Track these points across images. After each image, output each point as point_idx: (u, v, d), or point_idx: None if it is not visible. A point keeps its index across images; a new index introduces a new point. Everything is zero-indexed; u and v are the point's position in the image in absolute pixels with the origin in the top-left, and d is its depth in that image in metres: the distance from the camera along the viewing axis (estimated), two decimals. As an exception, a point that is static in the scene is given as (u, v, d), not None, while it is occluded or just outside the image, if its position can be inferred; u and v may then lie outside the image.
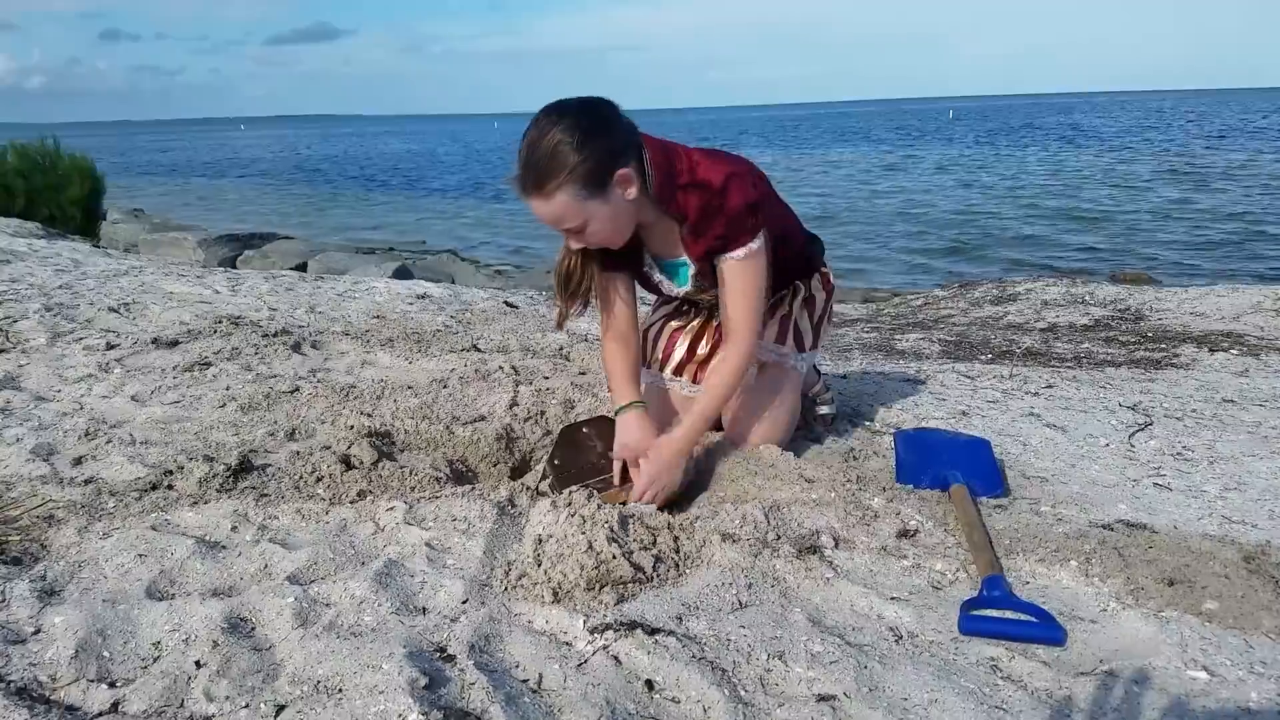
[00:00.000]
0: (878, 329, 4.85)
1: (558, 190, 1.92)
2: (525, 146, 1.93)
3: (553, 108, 1.97)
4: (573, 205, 1.95)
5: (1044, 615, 1.56)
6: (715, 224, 2.10)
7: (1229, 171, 22.23)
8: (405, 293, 5.18)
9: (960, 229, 15.49)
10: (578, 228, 2.01)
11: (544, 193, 1.92)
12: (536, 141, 1.91)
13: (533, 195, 1.94)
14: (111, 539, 1.79)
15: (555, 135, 1.90)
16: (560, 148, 1.90)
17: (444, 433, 2.46)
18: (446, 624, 1.50)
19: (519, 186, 1.95)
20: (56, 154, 11.90)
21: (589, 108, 1.98)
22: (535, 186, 1.92)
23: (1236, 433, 2.69)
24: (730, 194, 2.09)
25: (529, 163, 1.92)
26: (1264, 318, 4.65)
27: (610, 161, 1.96)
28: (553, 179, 1.91)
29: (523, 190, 1.95)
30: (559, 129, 1.91)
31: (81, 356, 3.28)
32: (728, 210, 2.09)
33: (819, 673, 1.40)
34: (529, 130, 1.94)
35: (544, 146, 1.90)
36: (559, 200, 1.93)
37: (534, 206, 1.96)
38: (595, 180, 1.95)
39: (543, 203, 1.94)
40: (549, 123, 1.93)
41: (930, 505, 2.03)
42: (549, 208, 1.95)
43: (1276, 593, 1.66)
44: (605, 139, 1.96)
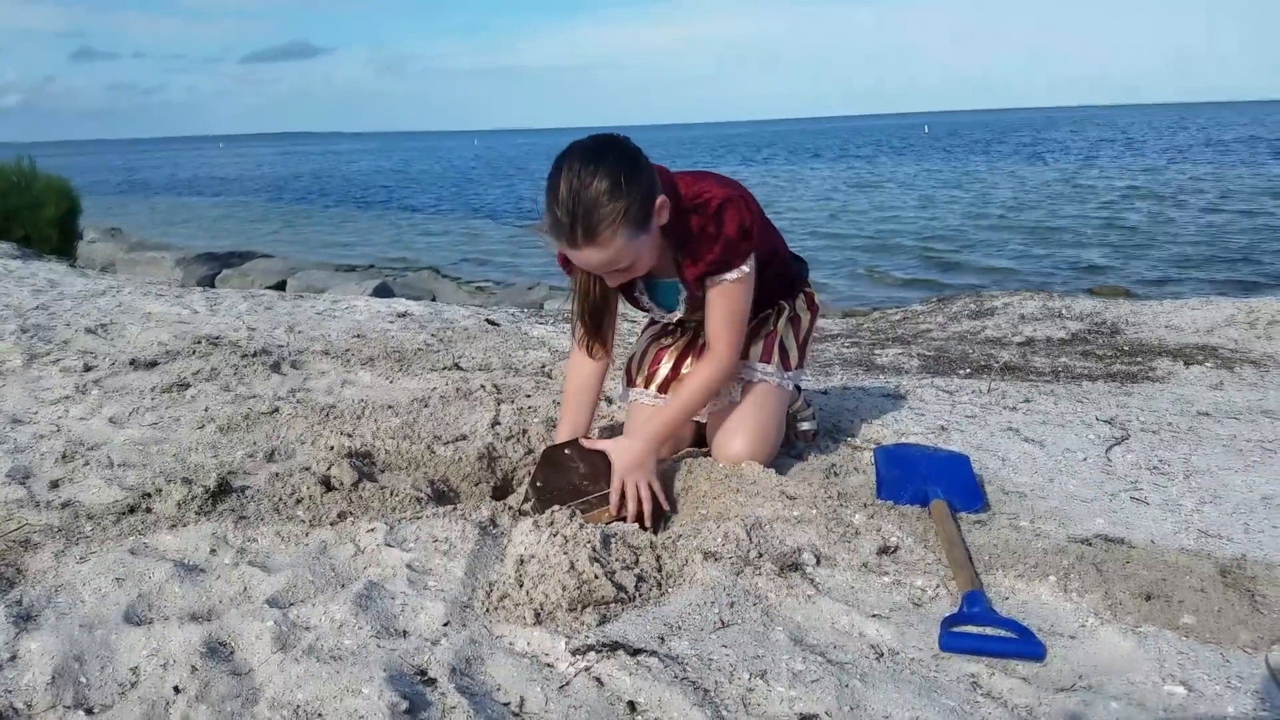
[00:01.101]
0: (858, 344, 4.87)
1: (613, 237, 1.92)
2: (567, 198, 1.90)
3: (582, 154, 1.95)
4: (626, 247, 1.96)
5: (1023, 631, 1.57)
6: (712, 248, 2.12)
7: (1195, 185, 22.55)
8: (386, 311, 5.17)
9: (931, 242, 15.63)
10: (627, 267, 2.02)
11: (598, 242, 1.92)
12: (580, 192, 1.89)
13: (585, 246, 1.93)
14: (89, 563, 1.77)
15: (598, 183, 1.89)
16: (607, 195, 1.89)
17: (425, 452, 2.45)
18: (427, 646, 1.49)
19: (565, 238, 1.94)
20: (32, 173, 11.81)
21: (617, 147, 1.99)
22: (588, 238, 1.91)
23: (1212, 446, 2.72)
24: (726, 219, 2.11)
25: (577, 214, 1.89)
26: (1238, 331, 4.70)
27: (651, 196, 1.98)
28: (607, 227, 1.90)
29: (571, 242, 1.94)
30: (600, 175, 1.90)
31: (58, 378, 3.25)
32: (724, 235, 2.11)
33: (800, 692, 1.40)
34: (562, 180, 1.91)
35: (590, 196, 1.89)
36: (614, 246, 1.94)
37: (585, 255, 1.96)
38: (643, 218, 1.96)
39: (597, 251, 1.94)
40: (585, 170, 1.91)
41: (911, 521, 2.04)
42: (603, 254, 1.95)
43: (1252, 606, 1.68)
44: (641, 175, 1.97)
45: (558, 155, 1.99)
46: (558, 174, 1.94)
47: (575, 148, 1.98)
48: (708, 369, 2.23)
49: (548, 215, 1.95)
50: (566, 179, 1.91)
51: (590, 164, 1.92)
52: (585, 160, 1.93)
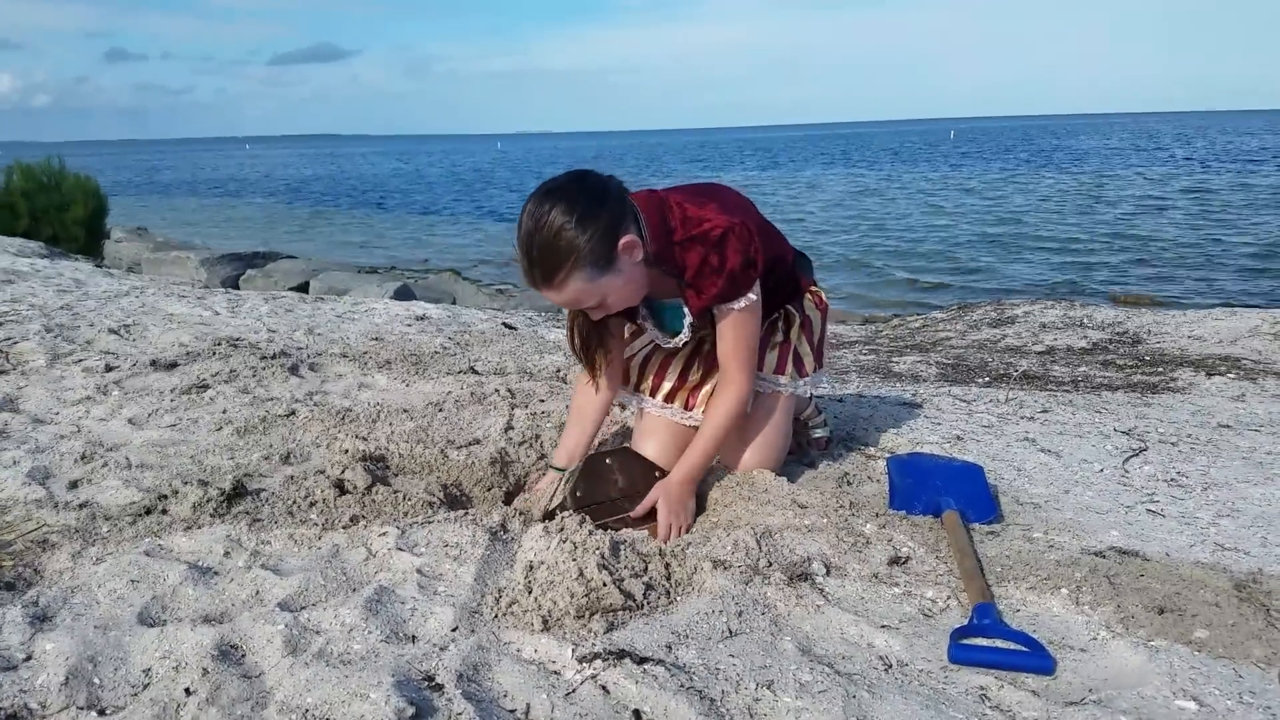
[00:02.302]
0: (875, 351, 4.85)
1: (568, 278, 1.92)
2: (524, 238, 1.91)
3: (542, 193, 1.95)
4: (586, 288, 1.95)
5: (1034, 644, 1.56)
6: (715, 281, 2.10)
7: (1225, 192, 22.32)
8: (404, 314, 5.20)
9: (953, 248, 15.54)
10: (596, 305, 2.02)
11: (554, 284, 1.92)
12: (534, 232, 1.89)
13: (544, 287, 1.93)
14: (105, 564, 1.79)
15: (553, 222, 1.88)
16: (561, 234, 1.88)
17: (439, 456, 2.46)
18: (435, 652, 1.50)
19: (527, 279, 1.95)
20: (61, 173, 11.96)
21: (578, 182, 1.97)
22: (545, 280, 1.92)
23: (1231, 458, 2.69)
24: (729, 251, 2.08)
25: (533, 256, 1.90)
26: (1262, 342, 4.66)
27: (612, 234, 1.95)
28: (561, 269, 1.90)
29: (532, 283, 1.95)
30: (555, 213, 1.89)
31: (80, 378, 3.29)
32: (728, 268, 2.09)
33: (807, 702, 1.40)
34: (523, 220, 1.92)
35: (544, 236, 1.89)
36: (572, 287, 1.93)
37: (549, 296, 1.96)
38: (603, 257, 1.94)
39: (556, 293, 1.94)
40: (541, 211, 1.90)
41: (922, 531, 2.03)
42: (563, 295, 1.95)
43: (1267, 621, 1.66)
44: (602, 212, 1.94)
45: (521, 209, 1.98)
46: (521, 219, 1.94)
47: (540, 187, 1.97)
48: (727, 398, 2.21)
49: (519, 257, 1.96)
50: (525, 220, 1.92)
51: (546, 204, 1.91)
52: (542, 200, 1.92)
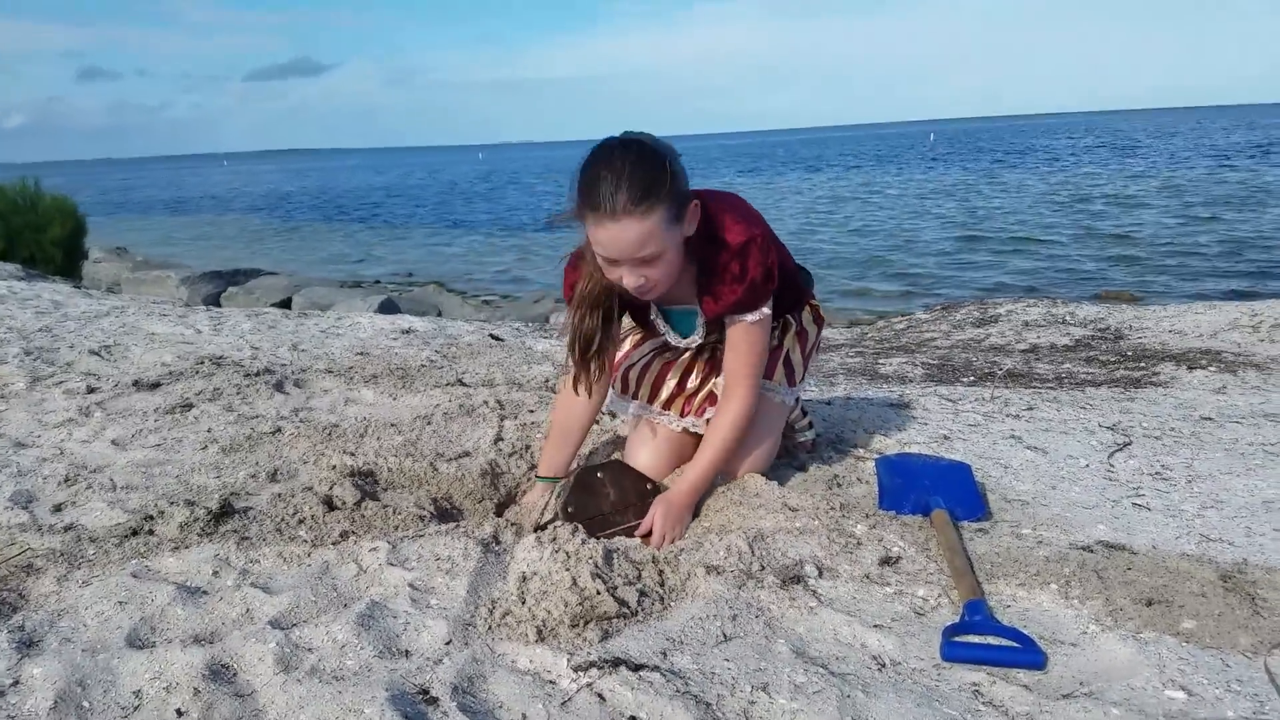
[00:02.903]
0: (862, 353, 4.87)
1: (652, 210, 1.88)
2: (610, 172, 1.87)
3: (624, 140, 1.95)
4: (659, 231, 1.91)
5: (1025, 639, 1.57)
6: (735, 289, 2.10)
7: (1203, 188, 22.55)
8: (389, 328, 5.18)
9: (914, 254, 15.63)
10: (653, 256, 1.95)
11: (640, 210, 1.87)
12: (629, 164, 1.87)
13: (626, 214, 1.87)
14: (91, 587, 1.78)
15: (645, 158, 1.88)
16: (656, 168, 1.87)
17: (428, 470, 2.46)
18: (430, 666, 1.49)
19: (604, 211, 1.87)
20: (37, 194, 11.88)
21: (656, 142, 1.98)
22: (634, 202, 1.86)
23: (1214, 451, 2.72)
24: (751, 261, 2.09)
25: (621, 185, 1.85)
26: (1241, 334, 4.70)
27: (686, 195, 1.96)
28: (653, 196, 1.87)
29: (610, 213, 1.87)
30: (647, 153, 1.89)
31: (62, 400, 3.27)
32: (748, 278, 2.09)
33: (802, 704, 1.40)
34: (605, 158, 1.90)
35: (645, 166, 1.87)
36: (651, 220, 1.88)
37: (622, 228, 1.88)
38: (679, 207, 1.94)
39: (636, 222, 1.88)
40: (633, 149, 1.90)
41: (912, 531, 2.04)
42: (640, 227, 1.88)
43: (1253, 610, 1.67)
44: (682, 170, 1.96)
45: (594, 147, 1.97)
46: (599, 153, 1.93)
47: (614, 138, 1.97)
48: (732, 410, 2.20)
49: (583, 189, 1.91)
50: (610, 157, 1.90)
51: (636, 145, 1.92)
52: (630, 143, 1.93)
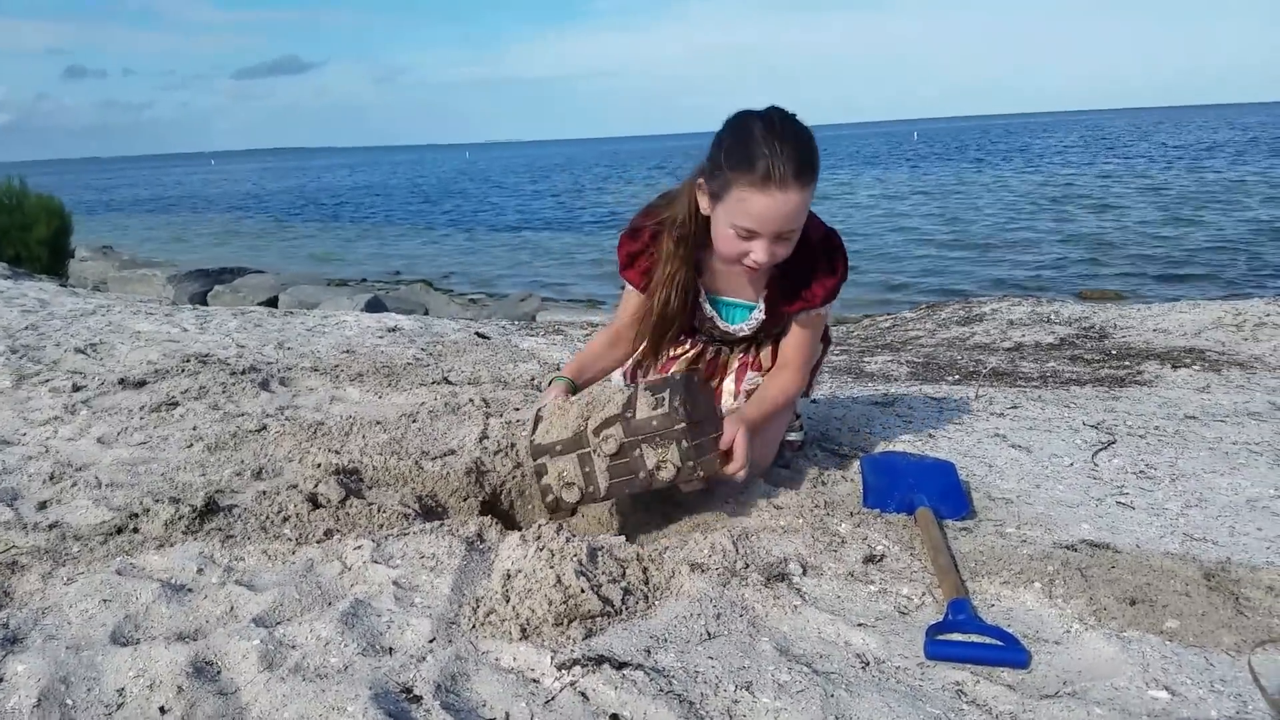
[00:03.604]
0: (847, 351, 4.88)
1: (810, 184, 1.91)
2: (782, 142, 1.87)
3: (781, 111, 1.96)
4: (807, 206, 1.94)
5: (1008, 638, 1.58)
6: (826, 283, 2.15)
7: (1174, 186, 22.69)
8: (375, 326, 5.17)
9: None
10: (795, 231, 1.98)
11: (804, 183, 1.89)
12: (800, 134, 1.89)
13: (795, 187, 1.89)
14: (76, 584, 1.77)
15: (807, 131, 1.90)
16: (815, 144, 1.90)
17: (413, 468, 2.45)
18: (413, 664, 1.49)
19: (776, 181, 1.88)
20: (23, 193, 11.81)
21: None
22: (801, 174, 1.88)
23: (1198, 449, 2.73)
24: (837, 257, 2.15)
25: (795, 156, 1.87)
26: (1225, 333, 4.73)
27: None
28: (813, 170, 1.90)
29: (782, 183, 1.88)
30: (805, 127, 1.91)
31: (47, 399, 3.25)
32: (838, 272, 2.16)
33: (786, 702, 1.40)
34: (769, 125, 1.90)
35: (807, 139, 1.89)
36: (808, 193, 1.91)
37: (787, 199, 1.90)
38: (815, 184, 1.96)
39: (798, 194, 1.90)
40: (795, 120, 1.92)
41: (897, 530, 2.05)
42: (800, 199, 1.91)
43: (1236, 609, 1.69)
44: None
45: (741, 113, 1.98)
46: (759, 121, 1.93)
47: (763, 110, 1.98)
48: (786, 380, 2.25)
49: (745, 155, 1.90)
50: (776, 125, 1.90)
51: (793, 121, 1.94)
52: (787, 116, 1.94)
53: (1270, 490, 2.35)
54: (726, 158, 1.94)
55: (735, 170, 1.92)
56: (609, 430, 1.97)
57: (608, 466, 1.99)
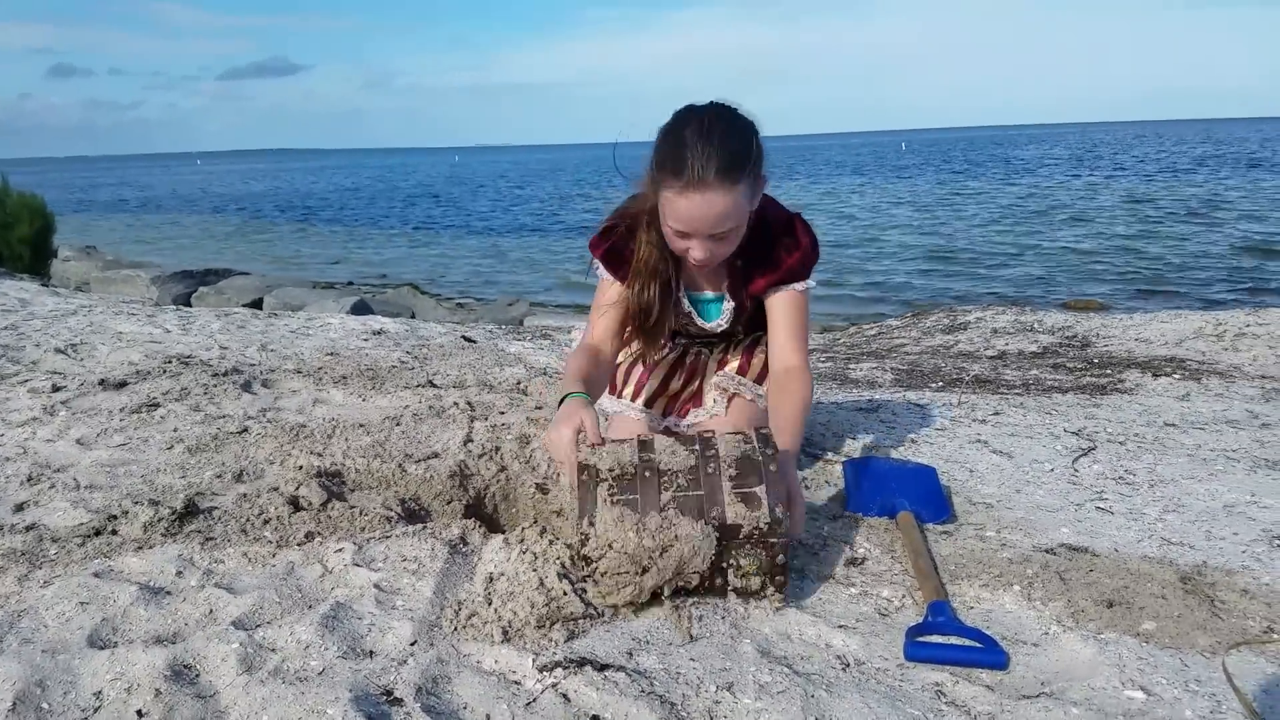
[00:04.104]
0: (833, 359, 4.90)
1: (739, 182, 1.85)
2: (700, 141, 1.82)
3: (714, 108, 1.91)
4: (738, 205, 1.88)
5: (987, 640, 1.59)
6: (792, 254, 2.12)
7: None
8: (360, 329, 5.16)
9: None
10: (728, 231, 1.93)
11: (728, 182, 1.84)
12: (718, 135, 1.82)
13: (720, 189, 1.83)
14: (53, 587, 1.76)
15: (735, 130, 1.84)
16: (744, 142, 1.84)
17: (396, 471, 2.45)
18: (394, 667, 1.49)
19: (688, 181, 1.83)
20: (5, 191, 11.73)
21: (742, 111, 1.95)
22: (724, 173, 1.82)
23: (1177, 456, 2.75)
24: (799, 231, 2.13)
25: (711, 156, 1.81)
26: (1205, 343, 4.77)
27: (761, 166, 1.94)
28: (738, 172, 1.84)
29: (696, 184, 1.83)
30: (737, 125, 1.86)
31: (26, 399, 3.23)
32: (801, 244, 2.12)
33: (767, 703, 1.41)
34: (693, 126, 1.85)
35: (730, 140, 1.83)
36: (734, 195, 1.86)
37: (705, 201, 1.85)
38: (756, 183, 1.92)
39: (720, 196, 1.84)
40: (722, 119, 1.86)
41: (878, 533, 2.06)
42: (723, 201, 1.85)
43: (1211, 611, 1.70)
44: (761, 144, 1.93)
45: (677, 112, 1.94)
46: (687, 120, 1.89)
47: (704, 104, 1.94)
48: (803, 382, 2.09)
49: (667, 158, 1.87)
50: (699, 125, 1.86)
51: (725, 115, 1.89)
52: (720, 113, 1.90)
53: (1246, 496, 2.37)
54: (656, 160, 1.92)
55: (661, 172, 1.90)
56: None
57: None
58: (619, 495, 1.67)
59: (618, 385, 2.53)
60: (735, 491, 1.66)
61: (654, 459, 1.72)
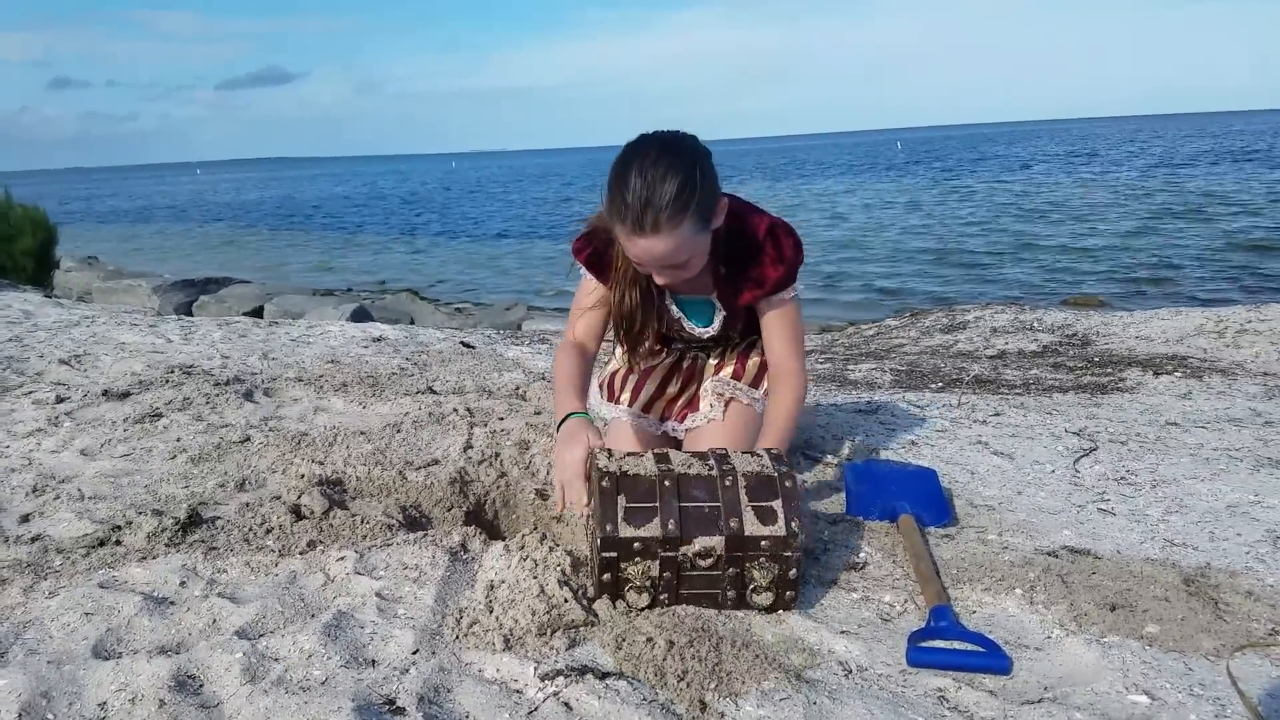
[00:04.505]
0: (831, 360, 4.90)
1: (680, 225, 1.91)
2: (640, 185, 1.89)
3: (659, 145, 1.96)
4: (689, 241, 1.95)
5: (990, 645, 1.59)
6: (776, 268, 2.15)
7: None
8: (360, 336, 5.16)
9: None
10: (683, 263, 2.00)
11: (664, 229, 1.90)
12: (655, 181, 1.88)
13: (653, 233, 1.91)
14: (58, 598, 1.76)
15: (675, 173, 1.89)
16: (683, 185, 1.89)
17: (397, 478, 2.45)
18: (396, 675, 1.49)
19: (631, 226, 1.91)
20: (7, 204, 11.74)
21: (690, 142, 2.00)
22: (656, 226, 1.90)
23: (1179, 455, 2.75)
24: (782, 241, 2.15)
25: (650, 201, 1.88)
26: (1206, 340, 4.76)
27: (716, 195, 1.99)
28: (677, 215, 1.89)
29: (639, 229, 1.91)
30: (677, 166, 1.90)
31: (31, 410, 3.23)
32: (786, 256, 2.15)
33: (769, 710, 1.41)
34: (635, 168, 1.91)
35: (667, 185, 1.88)
36: (679, 236, 1.92)
37: (649, 244, 1.93)
38: (708, 215, 1.97)
39: (660, 241, 1.92)
40: (662, 161, 1.91)
41: (879, 537, 2.06)
42: (667, 244, 1.93)
43: (1215, 614, 1.70)
44: (711, 172, 1.98)
45: (627, 145, 1.99)
46: (631, 161, 1.93)
47: (650, 139, 1.98)
48: (792, 387, 2.18)
49: (614, 202, 1.93)
50: (640, 167, 1.91)
51: (666, 155, 1.93)
52: (662, 151, 1.94)
53: (1250, 496, 2.37)
54: (606, 199, 1.98)
55: (610, 212, 1.97)
56: (707, 541, 1.69)
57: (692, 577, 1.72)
58: (639, 504, 1.71)
59: (615, 391, 2.54)
60: (752, 506, 1.71)
61: (673, 470, 1.76)
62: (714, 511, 1.70)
